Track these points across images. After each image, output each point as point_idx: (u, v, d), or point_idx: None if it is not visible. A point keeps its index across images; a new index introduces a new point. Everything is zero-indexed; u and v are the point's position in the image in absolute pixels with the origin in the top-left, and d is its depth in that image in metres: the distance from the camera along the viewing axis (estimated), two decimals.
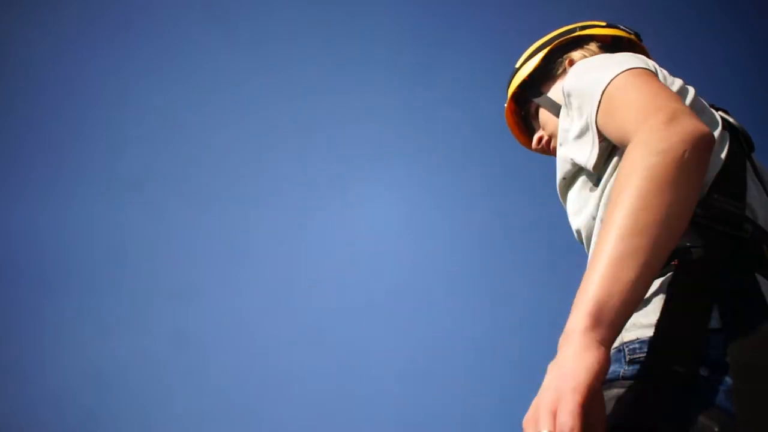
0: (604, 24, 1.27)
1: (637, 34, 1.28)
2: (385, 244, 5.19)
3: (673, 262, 0.77)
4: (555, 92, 1.23)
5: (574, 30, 1.26)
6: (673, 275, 0.76)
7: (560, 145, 1.06)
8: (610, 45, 1.25)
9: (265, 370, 4.83)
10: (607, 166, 0.94)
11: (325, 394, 4.61)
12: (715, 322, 0.70)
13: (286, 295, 5.04)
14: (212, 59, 4.98)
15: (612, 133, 0.89)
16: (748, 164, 0.93)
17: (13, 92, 4.64)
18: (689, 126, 0.75)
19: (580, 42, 1.25)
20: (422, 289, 5.08)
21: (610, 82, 0.91)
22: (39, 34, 4.65)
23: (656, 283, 0.77)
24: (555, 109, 1.20)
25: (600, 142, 0.93)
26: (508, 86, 1.34)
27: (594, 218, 0.96)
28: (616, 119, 0.87)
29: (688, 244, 0.77)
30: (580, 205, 1.00)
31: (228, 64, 5.04)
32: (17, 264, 4.67)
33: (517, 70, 1.31)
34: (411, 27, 4.93)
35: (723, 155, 0.89)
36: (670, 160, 0.72)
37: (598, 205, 0.95)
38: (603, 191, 0.94)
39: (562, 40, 1.25)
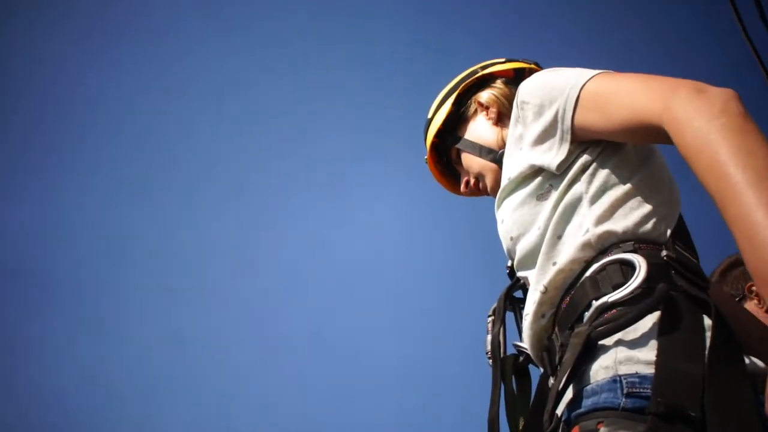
0: (503, 60, 1.32)
1: (536, 64, 1.32)
2: (385, 244, 5.18)
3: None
4: (472, 133, 1.27)
5: (476, 72, 1.31)
6: (661, 317, 0.76)
7: (509, 154, 1.04)
8: (513, 78, 1.29)
9: (265, 370, 4.82)
10: (569, 170, 0.93)
11: (324, 393, 4.60)
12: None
13: (285, 294, 5.03)
14: (212, 59, 4.97)
15: (603, 125, 0.89)
16: None
17: (13, 93, 4.63)
18: (718, 90, 0.79)
19: (484, 82, 1.29)
20: (421, 288, 5.07)
21: (586, 83, 0.91)
22: (40, 36, 4.64)
23: (648, 321, 0.77)
24: (476, 149, 1.24)
25: (570, 142, 0.93)
26: (425, 138, 1.37)
27: (541, 231, 0.93)
28: (611, 110, 0.88)
29: (670, 289, 0.78)
30: (526, 218, 0.97)
31: (227, 64, 5.02)
32: (16, 263, 4.66)
33: (430, 120, 1.34)
34: (412, 28, 4.93)
35: (679, 210, 0.93)
36: (735, 115, 0.75)
37: (550, 218, 0.92)
38: (559, 202, 0.92)
39: (467, 83, 1.29)
